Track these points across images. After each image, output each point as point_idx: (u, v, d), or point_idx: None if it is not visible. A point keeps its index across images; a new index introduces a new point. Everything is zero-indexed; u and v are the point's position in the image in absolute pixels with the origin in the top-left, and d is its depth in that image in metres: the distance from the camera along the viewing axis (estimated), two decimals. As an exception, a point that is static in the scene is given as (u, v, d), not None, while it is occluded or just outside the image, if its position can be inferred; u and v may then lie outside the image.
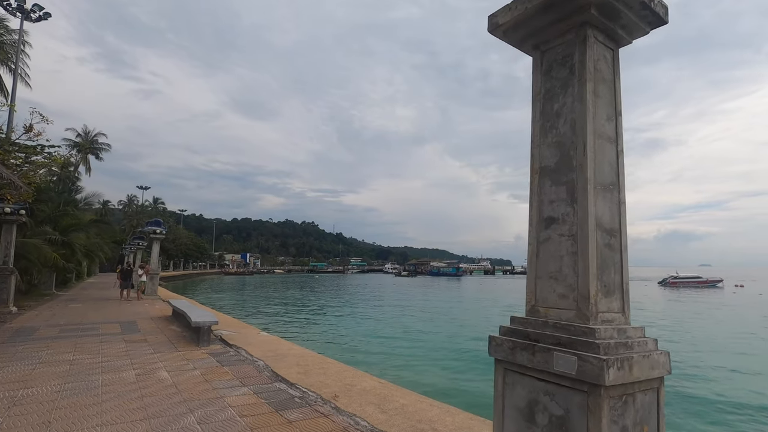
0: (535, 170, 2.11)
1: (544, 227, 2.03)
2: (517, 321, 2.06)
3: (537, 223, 2.08)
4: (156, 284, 19.13)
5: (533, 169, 2.13)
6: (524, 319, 2.04)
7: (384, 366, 11.83)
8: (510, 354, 1.92)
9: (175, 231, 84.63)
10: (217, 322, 8.27)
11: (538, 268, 2.03)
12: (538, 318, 1.95)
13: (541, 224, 2.05)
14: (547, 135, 2.08)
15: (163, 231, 18.93)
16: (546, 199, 2.05)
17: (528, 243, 2.10)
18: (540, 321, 1.92)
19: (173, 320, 11.40)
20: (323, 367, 6.58)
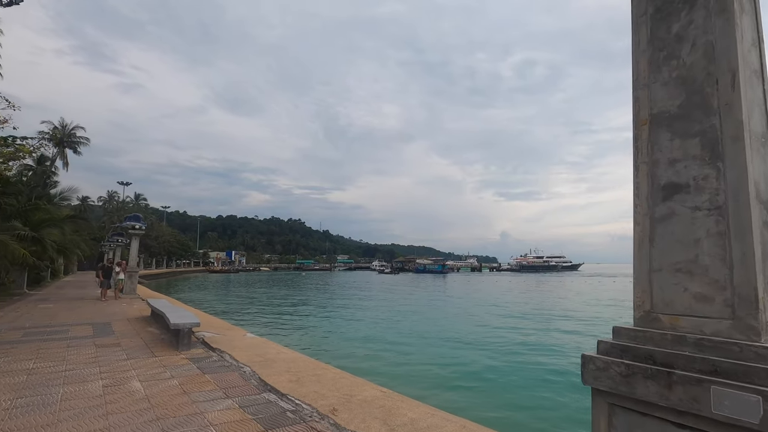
0: (643, 120, 1.49)
1: (662, 198, 1.41)
2: (627, 334, 1.41)
3: (649, 194, 1.45)
4: (135, 283, 18.16)
5: (639, 119, 1.50)
6: (638, 331, 1.39)
7: (381, 370, 11.20)
8: (623, 384, 1.29)
9: (158, 228, 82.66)
10: (199, 324, 7.53)
11: (653, 258, 1.40)
12: (662, 330, 1.32)
13: (657, 195, 1.43)
14: (661, 69, 1.46)
15: (142, 227, 17.95)
16: (663, 158, 1.42)
17: (634, 222, 1.48)
18: (668, 335, 1.29)
19: (152, 321, 10.59)
20: (317, 373, 5.92)
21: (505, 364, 12.49)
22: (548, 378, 11.05)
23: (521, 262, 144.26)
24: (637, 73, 1.53)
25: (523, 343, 15.63)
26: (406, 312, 26.01)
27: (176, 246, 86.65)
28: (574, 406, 8.92)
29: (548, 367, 12.21)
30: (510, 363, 12.55)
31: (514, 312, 25.67)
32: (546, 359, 13.05)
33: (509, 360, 12.89)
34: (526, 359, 13.01)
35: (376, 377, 9.78)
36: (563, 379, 10.87)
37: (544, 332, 18.02)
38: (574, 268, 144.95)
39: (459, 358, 13.21)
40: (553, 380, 10.87)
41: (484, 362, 12.60)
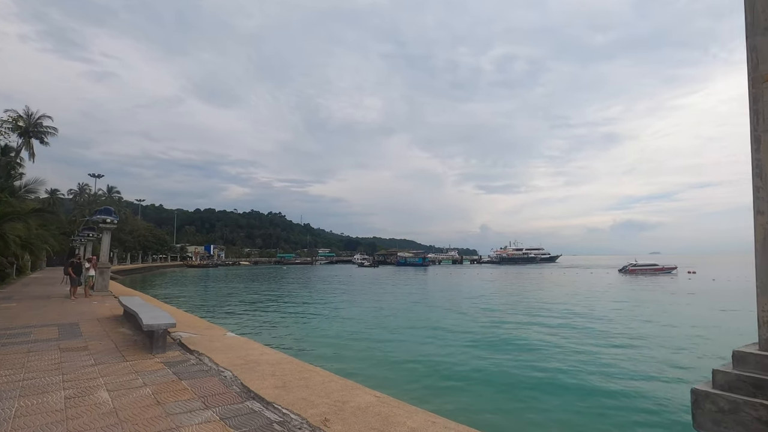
0: (765, 75, 1.12)
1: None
2: (760, 362, 1.02)
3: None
4: (107, 279, 17.29)
5: (758, 75, 1.13)
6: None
7: (370, 371, 10.84)
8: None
9: (132, 222, 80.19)
10: (174, 324, 7.00)
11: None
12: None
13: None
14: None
15: (114, 220, 17.05)
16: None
17: (755, 211, 1.11)
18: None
19: (124, 321, 9.96)
20: (304, 377, 5.51)
21: (497, 361, 12.32)
22: (536, 376, 10.92)
23: (501, 255, 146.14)
24: (753, 14, 1.16)
25: (511, 339, 15.54)
26: (392, 307, 25.76)
27: (152, 240, 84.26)
28: (563, 407, 8.80)
29: (543, 365, 12.11)
30: (502, 360, 12.38)
31: (503, 307, 25.71)
32: (543, 357, 12.95)
33: (501, 357, 12.73)
34: (524, 357, 12.87)
35: (367, 379, 9.43)
36: (548, 376, 10.77)
37: (536, 327, 18.01)
38: (552, 260, 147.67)
39: (450, 356, 12.99)
40: (545, 378, 10.75)
41: (476, 361, 12.40)
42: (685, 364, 11.69)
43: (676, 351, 13.25)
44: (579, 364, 11.45)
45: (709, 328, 17.63)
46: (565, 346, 13.71)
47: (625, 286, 41.71)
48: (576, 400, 9.00)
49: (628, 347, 13.72)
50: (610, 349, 13.23)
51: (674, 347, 13.76)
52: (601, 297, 30.21)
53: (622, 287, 40.73)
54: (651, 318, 20.18)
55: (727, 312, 22.16)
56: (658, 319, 19.72)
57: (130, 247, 74.75)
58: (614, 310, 23.16)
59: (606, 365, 11.44)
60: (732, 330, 17.09)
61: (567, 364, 11.46)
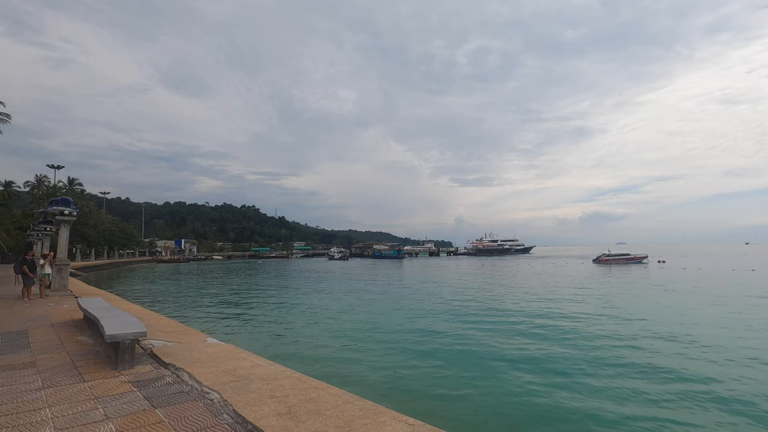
0: None
1: None
2: None
3: None
4: (66, 277, 15.58)
5: None
6: None
7: (371, 379, 9.79)
8: None
9: (96, 215, 76.13)
10: (145, 333, 5.79)
11: None
12: None
13: None
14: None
15: (73, 212, 15.33)
16: None
17: None
18: None
19: (84, 327, 8.59)
20: (311, 397, 4.45)
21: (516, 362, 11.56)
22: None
23: (477, 246, 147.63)
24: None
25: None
26: (376, 303, 24.87)
27: (118, 235, 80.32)
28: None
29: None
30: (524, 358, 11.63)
31: (504, 312, 25.18)
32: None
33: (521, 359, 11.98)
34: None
35: (371, 389, 8.46)
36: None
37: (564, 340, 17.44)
38: (526, 251, 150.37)
39: (447, 357, 12.16)
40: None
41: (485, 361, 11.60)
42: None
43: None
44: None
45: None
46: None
47: (617, 280, 42.20)
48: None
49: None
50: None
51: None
52: (602, 290, 30.21)
53: (610, 279, 41.15)
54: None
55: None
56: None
57: (95, 242, 70.88)
58: (651, 310, 22.75)
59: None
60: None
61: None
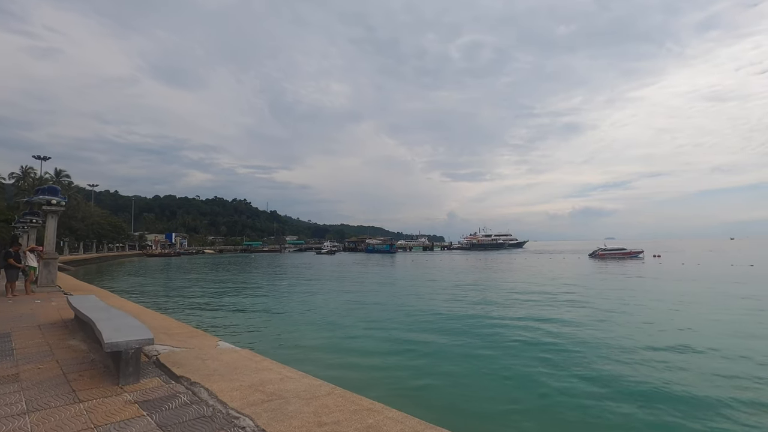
0: None
1: None
2: None
3: None
4: (54, 272, 14.45)
5: None
6: None
7: (422, 394, 8.83)
8: None
9: (84, 208, 74.25)
10: (152, 340, 4.84)
11: None
12: None
13: None
14: None
15: (61, 201, 14.17)
16: None
17: None
18: None
19: (76, 329, 7.58)
20: (370, 425, 3.54)
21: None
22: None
23: (471, 241, 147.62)
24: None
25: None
26: (390, 297, 24.05)
27: (107, 228, 78.42)
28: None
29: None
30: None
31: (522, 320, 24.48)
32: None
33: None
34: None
35: (423, 405, 7.55)
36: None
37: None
38: (519, 246, 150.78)
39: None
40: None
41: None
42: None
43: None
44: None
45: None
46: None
47: (625, 279, 41.82)
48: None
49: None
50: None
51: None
52: (620, 289, 29.64)
53: (618, 276, 40.75)
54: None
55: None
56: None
57: (83, 236, 69.04)
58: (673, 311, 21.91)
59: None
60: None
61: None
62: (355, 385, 7.41)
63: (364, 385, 8.35)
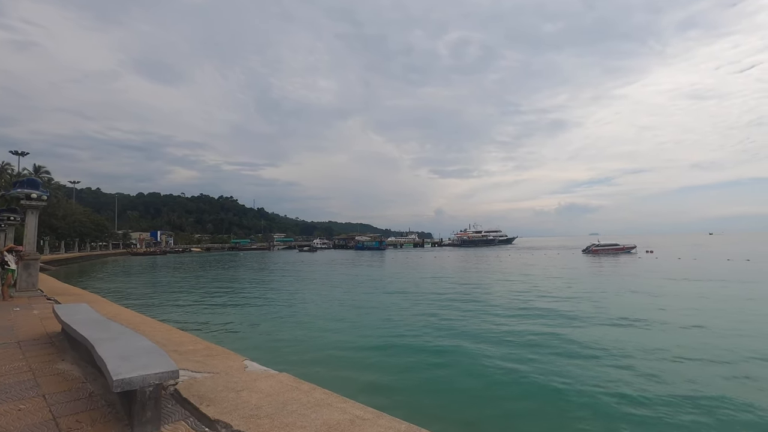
0: None
1: None
2: None
3: None
4: (35, 275, 12.92)
5: None
6: None
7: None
8: None
9: (66, 206, 71.38)
10: (176, 372, 3.59)
11: None
12: None
13: None
14: None
15: (42, 195, 12.65)
16: None
17: None
18: None
19: (66, 346, 6.23)
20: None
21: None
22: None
23: (462, 237, 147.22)
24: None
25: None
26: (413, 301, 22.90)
27: (90, 226, 75.58)
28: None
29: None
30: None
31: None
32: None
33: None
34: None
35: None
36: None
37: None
38: (509, 242, 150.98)
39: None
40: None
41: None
42: None
43: None
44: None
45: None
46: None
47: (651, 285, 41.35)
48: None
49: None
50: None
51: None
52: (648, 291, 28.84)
53: (636, 280, 40.22)
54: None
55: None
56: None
57: (64, 234, 66.29)
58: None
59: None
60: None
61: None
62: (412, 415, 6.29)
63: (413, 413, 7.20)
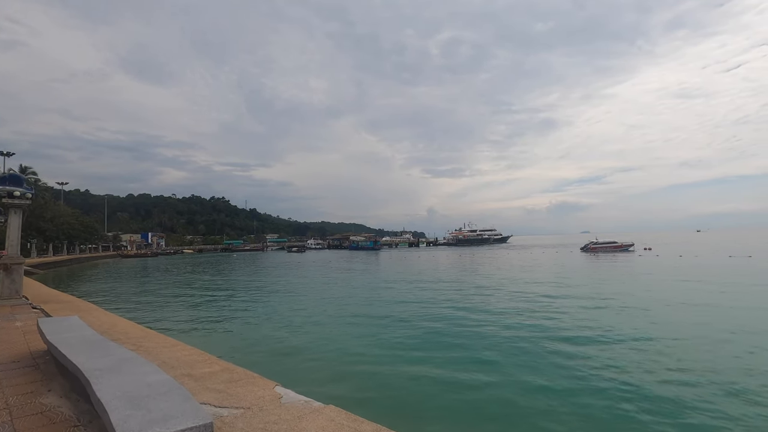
0: None
1: None
2: None
3: None
4: (19, 281, 11.67)
5: None
6: None
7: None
8: None
9: (53, 208, 69.37)
10: (212, 425, 2.56)
11: None
12: None
13: None
14: None
15: (26, 193, 11.44)
16: None
17: None
18: None
19: (53, 371, 5.12)
20: None
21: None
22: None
23: (457, 236, 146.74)
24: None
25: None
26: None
27: (79, 228, 73.56)
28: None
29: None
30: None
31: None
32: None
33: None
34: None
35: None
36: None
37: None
38: (503, 241, 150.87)
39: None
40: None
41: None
42: None
43: None
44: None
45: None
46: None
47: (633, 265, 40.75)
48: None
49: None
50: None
51: None
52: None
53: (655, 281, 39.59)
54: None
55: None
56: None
57: (52, 237, 64.32)
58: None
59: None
60: None
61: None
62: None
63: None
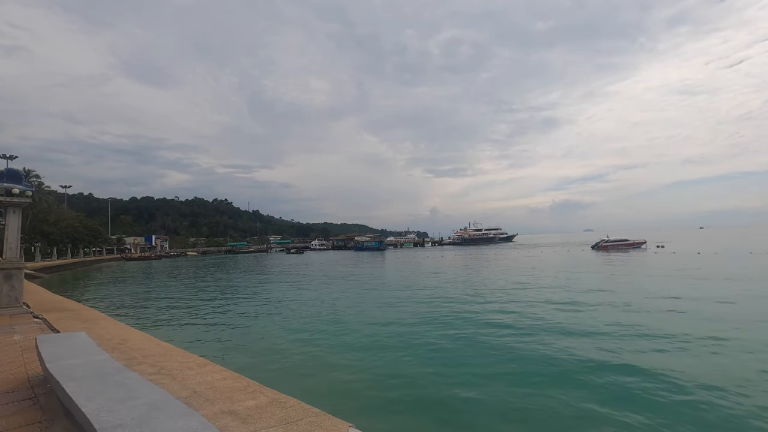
0: None
1: None
2: None
3: None
4: (19, 287, 10.74)
5: None
6: None
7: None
8: None
9: (57, 211, 68.75)
10: None
11: None
12: None
13: None
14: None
15: (26, 190, 10.52)
16: None
17: None
18: None
19: (54, 403, 4.15)
20: None
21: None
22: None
23: (462, 236, 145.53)
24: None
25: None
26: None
27: (83, 232, 72.81)
28: None
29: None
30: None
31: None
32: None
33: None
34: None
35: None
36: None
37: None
38: (509, 240, 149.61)
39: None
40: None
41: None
42: None
43: None
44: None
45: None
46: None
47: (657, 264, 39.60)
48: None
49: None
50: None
51: None
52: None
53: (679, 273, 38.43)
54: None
55: None
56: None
57: (56, 240, 63.60)
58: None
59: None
60: None
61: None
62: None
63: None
